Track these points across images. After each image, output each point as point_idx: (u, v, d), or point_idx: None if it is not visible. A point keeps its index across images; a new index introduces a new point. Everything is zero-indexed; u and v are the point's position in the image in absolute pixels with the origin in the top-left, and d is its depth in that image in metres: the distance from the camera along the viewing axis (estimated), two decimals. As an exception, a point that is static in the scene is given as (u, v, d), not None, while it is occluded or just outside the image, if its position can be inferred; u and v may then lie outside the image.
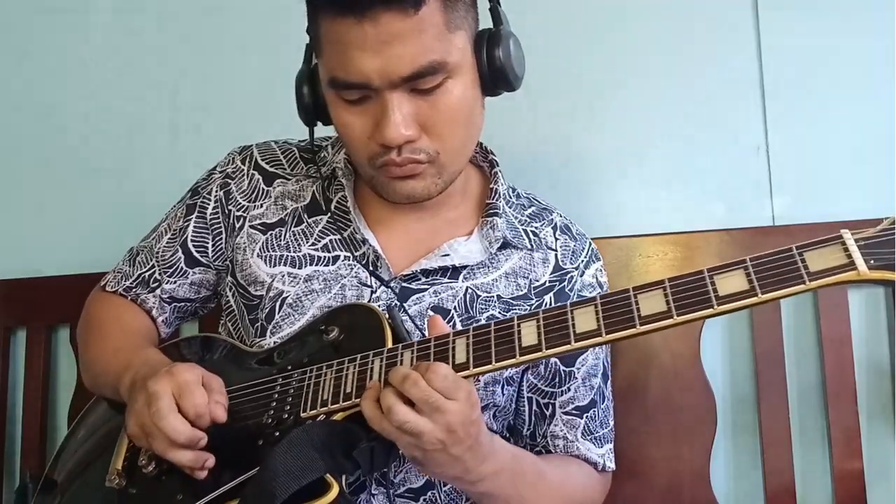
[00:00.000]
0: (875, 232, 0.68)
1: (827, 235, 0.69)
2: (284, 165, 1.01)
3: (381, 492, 0.88)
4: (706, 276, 0.70)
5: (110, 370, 0.91)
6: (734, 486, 1.26)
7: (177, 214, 1.02)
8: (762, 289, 0.68)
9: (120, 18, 1.46)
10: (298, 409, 0.81)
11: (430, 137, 0.84)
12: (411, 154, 0.83)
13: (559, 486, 0.90)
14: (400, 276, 0.92)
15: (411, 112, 0.82)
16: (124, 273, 1.03)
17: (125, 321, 1.00)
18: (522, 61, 0.90)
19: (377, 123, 0.82)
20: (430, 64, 0.80)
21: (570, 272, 0.98)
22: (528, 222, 0.99)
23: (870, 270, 0.66)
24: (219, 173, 1.01)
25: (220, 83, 1.43)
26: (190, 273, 1.01)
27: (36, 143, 1.48)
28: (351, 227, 0.94)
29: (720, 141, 1.29)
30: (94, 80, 1.46)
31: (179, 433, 0.74)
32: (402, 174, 0.85)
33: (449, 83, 0.82)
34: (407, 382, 0.72)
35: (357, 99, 0.83)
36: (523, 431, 0.99)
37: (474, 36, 0.86)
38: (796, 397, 1.23)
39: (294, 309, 0.92)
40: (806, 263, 0.68)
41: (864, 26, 1.25)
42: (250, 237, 0.97)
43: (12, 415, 1.41)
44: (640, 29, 1.31)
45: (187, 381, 0.77)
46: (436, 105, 0.82)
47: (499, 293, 0.93)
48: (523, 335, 0.75)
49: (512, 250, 0.96)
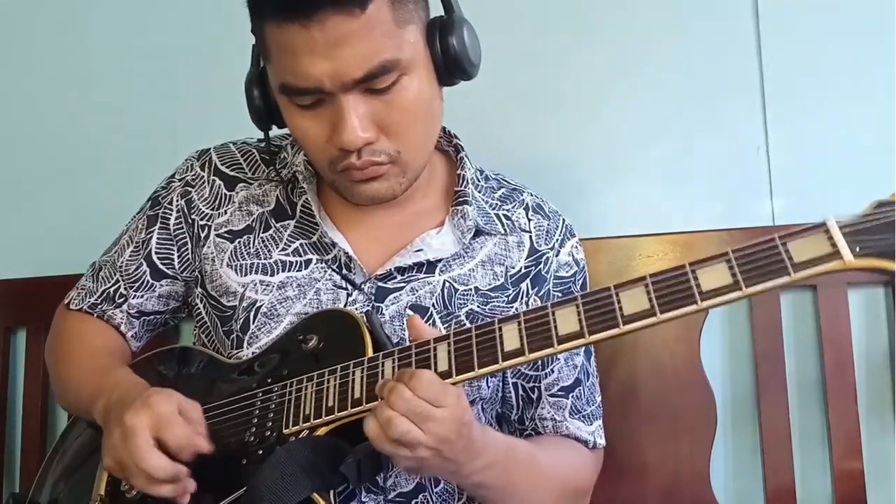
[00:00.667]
0: (859, 217, 0.66)
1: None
2: (245, 169, 0.98)
3: (372, 498, 0.87)
4: (688, 271, 0.68)
5: (82, 395, 0.89)
6: (734, 486, 1.26)
7: (138, 226, 1.00)
8: (746, 282, 0.66)
9: (120, 18, 1.46)
10: (281, 426, 0.79)
11: (389, 137, 0.82)
12: (371, 156, 0.82)
13: (552, 468, 0.89)
14: (375, 277, 0.90)
15: (367, 113, 0.79)
16: (88, 289, 1.00)
17: (92, 341, 0.98)
18: (478, 48, 0.87)
19: (334, 127, 0.80)
20: (382, 63, 0.77)
21: (546, 253, 0.96)
22: (499, 206, 0.98)
23: (855, 259, 0.64)
24: (178, 181, 0.99)
25: (220, 83, 1.42)
26: (157, 286, 0.98)
27: (36, 143, 1.48)
28: (318, 230, 0.92)
29: (720, 141, 1.28)
30: (94, 81, 1.46)
31: (160, 470, 0.73)
32: (364, 177, 0.83)
33: (404, 80, 0.80)
34: (393, 395, 0.71)
35: (311, 103, 0.80)
36: (511, 416, 0.98)
37: (426, 27, 0.84)
38: (796, 397, 1.23)
39: (269, 318, 0.90)
40: (790, 254, 0.66)
41: (864, 26, 1.25)
42: (218, 246, 0.94)
43: (12, 415, 1.41)
44: (640, 29, 1.31)
45: (165, 413, 0.75)
46: (392, 104, 0.80)
47: (476, 285, 0.92)
48: (505, 339, 0.73)
49: (486, 237, 0.94)
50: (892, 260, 0.63)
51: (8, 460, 1.41)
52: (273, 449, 0.77)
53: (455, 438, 0.72)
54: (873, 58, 1.24)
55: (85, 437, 0.94)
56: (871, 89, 1.24)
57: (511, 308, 0.93)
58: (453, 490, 0.93)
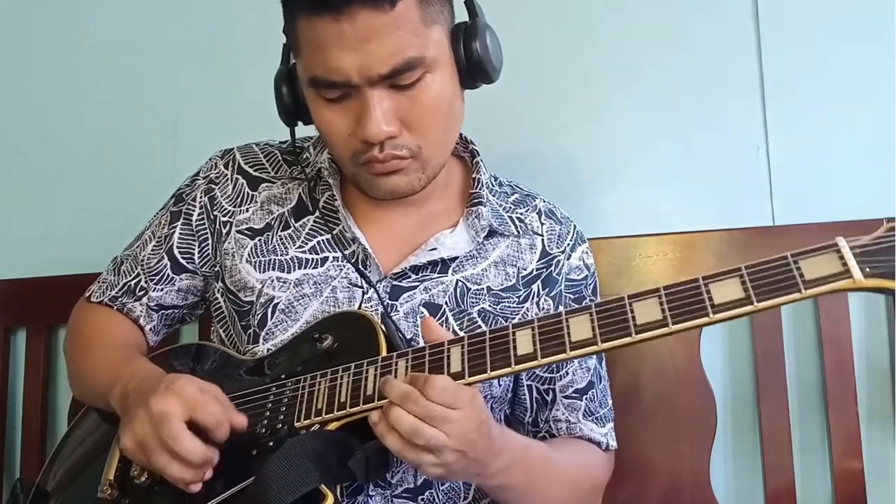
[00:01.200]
0: (871, 239, 0.68)
1: (826, 237, 0.68)
2: (268, 168, 1.00)
3: (379, 493, 0.88)
4: (701, 284, 0.70)
5: (100, 383, 0.90)
6: (734, 486, 1.26)
7: (161, 221, 1.01)
8: (758, 297, 0.68)
9: (120, 18, 1.46)
10: (292, 419, 0.80)
11: (411, 133, 0.84)
12: (393, 150, 0.84)
13: (568, 469, 0.90)
14: (390, 275, 0.92)
15: (392, 108, 0.82)
16: (109, 283, 1.02)
17: (111, 332, 0.99)
18: (500, 53, 0.91)
19: (358, 120, 0.83)
20: (408, 60, 0.80)
21: (557, 256, 0.98)
22: (512, 209, 1.00)
23: (865, 279, 0.66)
24: (202, 179, 1.01)
25: (220, 83, 1.43)
26: (177, 280, 1.00)
27: (36, 143, 1.48)
28: (340, 225, 0.94)
29: (720, 141, 1.28)
30: (94, 81, 1.46)
31: (194, 453, 0.74)
32: (385, 170, 0.86)
33: (427, 78, 0.83)
34: (408, 401, 0.71)
35: (337, 97, 0.83)
36: (525, 419, 0.99)
37: (451, 29, 0.87)
38: (796, 397, 1.23)
39: (287, 315, 0.92)
40: (801, 272, 0.68)
41: (864, 27, 1.25)
42: (238, 242, 0.96)
43: (12, 415, 1.41)
44: (640, 29, 1.31)
45: (193, 394, 0.76)
46: (415, 100, 0.83)
47: (488, 284, 0.94)
48: (518, 343, 0.74)
49: (499, 238, 0.96)
50: None
51: (8, 460, 1.41)
52: (284, 441, 0.77)
53: (476, 437, 0.73)
54: (873, 58, 1.24)
55: (95, 427, 0.95)
56: (871, 89, 1.24)
57: (522, 308, 0.94)
58: (459, 487, 0.93)
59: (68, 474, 0.92)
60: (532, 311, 0.95)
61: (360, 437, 0.77)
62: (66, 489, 0.91)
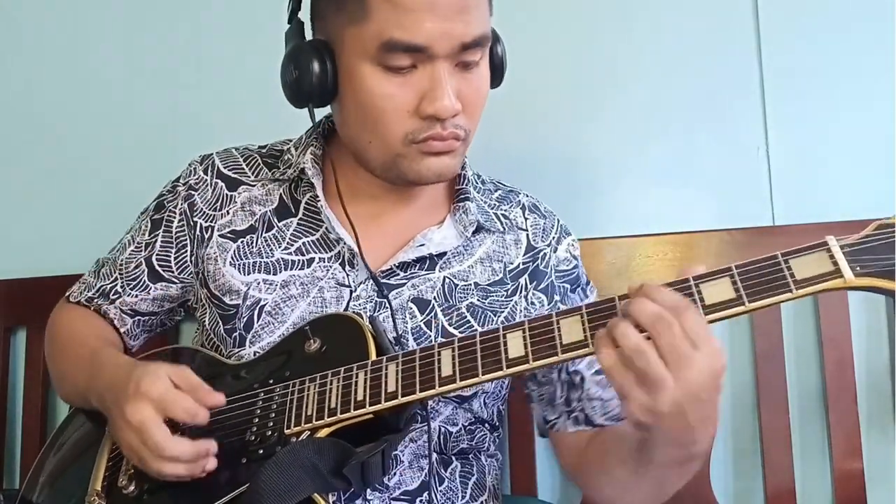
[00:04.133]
0: (859, 238, 0.68)
1: (816, 240, 0.68)
2: (247, 172, 0.99)
3: (377, 496, 0.87)
4: (692, 285, 0.69)
5: (77, 383, 0.91)
6: (734, 486, 1.26)
7: (142, 227, 1.01)
8: (749, 297, 0.67)
9: (120, 18, 1.46)
10: (282, 426, 0.79)
11: (464, 114, 0.85)
12: (454, 129, 0.84)
13: None
14: (378, 273, 0.91)
15: (454, 86, 0.82)
16: (88, 284, 1.03)
17: (79, 328, 1.00)
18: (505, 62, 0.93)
19: (423, 96, 0.81)
20: (484, 34, 0.82)
21: (543, 250, 0.98)
22: (496, 206, 1.00)
23: (856, 277, 0.66)
24: (182, 185, 1.00)
25: (220, 83, 1.43)
26: (152, 288, 1.00)
27: (36, 143, 1.48)
28: (323, 226, 0.93)
29: (720, 141, 1.28)
30: (94, 80, 1.46)
31: (186, 453, 0.74)
32: (444, 149, 0.84)
33: (483, 61, 0.85)
34: (661, 324, 0.64)
35: (403, 67, 0.81)
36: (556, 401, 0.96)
37: None
38: (796, 398, 1.23)
39: (273, 317, 0.91)
40: (792, 271, 0.67)
41: (864, 26, 1.25)
42: (221, 246, 0.95)
43: (12, 415, 1.41)
44: (640, 29, 1.31)
45: (161, 393, 0.76)
46: (471, 82, 0.84)
47: (476, 280, 0.94)
48: (510, 346, 0.74)
49: (485, 234, 0.96)
50: (891, 280, 0.65)
51: (8, 460, 1.41)
52: (274, 449, 0.77)
53: (706, 398, 0.65)
54: (873, 58, 1.24)
55: (80, 433, 0.94)
56: (871, 89, 1.25)
57: (510, 301, 0.94)
58: (457, 488, 0.92)
59: (54, 483, 0.91)
60: (521, 304, 0.94)
61: (352, 442, 0.76)
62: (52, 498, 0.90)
